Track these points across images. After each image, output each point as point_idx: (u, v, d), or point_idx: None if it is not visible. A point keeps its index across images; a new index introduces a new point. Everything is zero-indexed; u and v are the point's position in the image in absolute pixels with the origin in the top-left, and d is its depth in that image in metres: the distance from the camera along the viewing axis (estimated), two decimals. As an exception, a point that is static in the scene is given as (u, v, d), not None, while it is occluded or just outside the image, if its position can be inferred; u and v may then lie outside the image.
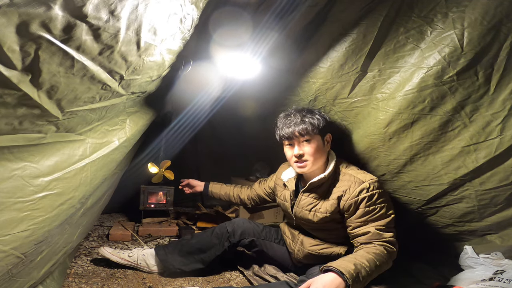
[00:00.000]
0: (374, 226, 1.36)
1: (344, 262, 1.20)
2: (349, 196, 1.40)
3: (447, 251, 1.85)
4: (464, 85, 1.34)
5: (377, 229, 1.35)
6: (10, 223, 0.81)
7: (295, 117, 1.49)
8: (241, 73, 1.81)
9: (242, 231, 1.71)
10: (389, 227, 1.39)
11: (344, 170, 1.49)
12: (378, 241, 1.34)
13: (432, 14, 1.30)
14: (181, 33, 1.09)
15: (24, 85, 0.68)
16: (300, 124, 1.46)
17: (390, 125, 1.51)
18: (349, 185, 1.42)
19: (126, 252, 1.68)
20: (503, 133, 1.36)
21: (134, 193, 2.39)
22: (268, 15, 1.43)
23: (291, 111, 1.54)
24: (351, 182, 1.42)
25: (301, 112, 1.51)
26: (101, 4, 0.71)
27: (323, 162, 1.51)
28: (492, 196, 1.50)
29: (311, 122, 1.46)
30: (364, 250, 1.30)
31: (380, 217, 1.38)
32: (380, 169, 1.68)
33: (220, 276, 1.71)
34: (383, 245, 1.33)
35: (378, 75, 1.49)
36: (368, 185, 1.39)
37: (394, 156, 1.59)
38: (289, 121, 1.49)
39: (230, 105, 2.31)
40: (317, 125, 1.47)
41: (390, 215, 1.41)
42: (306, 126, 1.45)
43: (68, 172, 0.95)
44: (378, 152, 1.63)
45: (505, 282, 1.38)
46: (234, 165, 2.95)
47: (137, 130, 1.33)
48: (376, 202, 1.39)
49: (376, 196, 1.39)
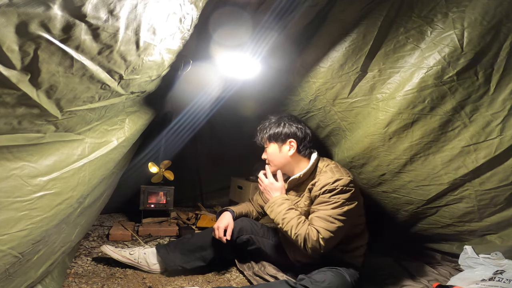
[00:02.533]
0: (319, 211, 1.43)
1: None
2: (316, 188, 1.47)
3: (447, 251, 1.85)
4: (464, 85, 1.34)
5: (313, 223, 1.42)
6: (8, 223, 0.81)
7: (260, 126, 1.69)
8: (241, 73, 1.81)
9: (240, 228, 1.72)
10: (328, 220, 1.40)
11: (324, 168, 1.55)
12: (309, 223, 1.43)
13: (432, 14, 1.30)
14: (181, 32, 1.09)
15: (23, 84, 0.68)
16: (258, 134, 1.69)
17: (390, 125, 1.51)
18: (320, 179, 1.48)
19: (128, 250, 1.69)
20: (503, 133, 1.36)
21: (134, 193, 2.39)
22: (268, 15, 1.43)
23: (265, 119, 1.70)
24: (324, 177, 1.48)
25: (269, 121, 1.66)
26: (100, 4, 0.71)
27: (293, 164, 1.60)
28: (492, 196, 1.50)
29: (266, 134, 1.64)
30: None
31: (329, 207, 1.42)
32: (380, 169, 1.68)
33: (220, 276, 1.71)
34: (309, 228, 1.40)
35: (378, 75, 1.49)
36: (334, 180, 1.44)
37: (394, 156, 1.59)
38: (257, 129, 1.71)
39: (230, 105, 2.31)
40: (271, 136, 1.62)
41: (339, 211, 1.40)
42: (260, 138, 1.68)
43: (66, 171, 0.94)
44: (378, 152, 1.63)
45: (505, 282, 1.38)
46: (234, 165, 2.95)
47: (136, 130, 1.33)
48: (334, 196, 1.42)
49: (337, 190, 1.42)
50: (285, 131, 1.60)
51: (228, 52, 1.63)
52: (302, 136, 1.60)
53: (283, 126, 1.61)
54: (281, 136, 1.60)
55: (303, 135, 1.61)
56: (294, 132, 1.60)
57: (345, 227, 1.41)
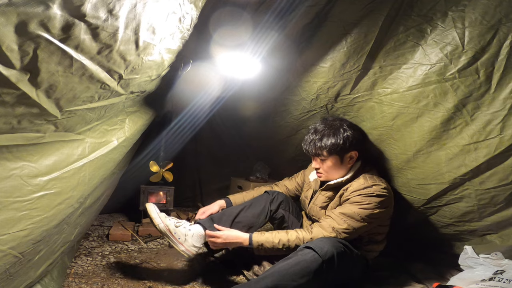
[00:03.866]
0: (334, 214, 1.41)
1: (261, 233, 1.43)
2: (347, 193, 1.46)
3: (447, 251, 1.85)
4: (466, 83, 1.34)
5: (332, 216, 1.41)
6: (8, 223, 0.81)
7: (315, 135, 1.54)
8: (241, 73, 1.81)
9: (281, 201, 1.72)
10: (343, 228, 1.38)
11: (362, 175, 1.52)
12: (318, 225, 1.41)
13: (432, 13, 1.31)
14: (180, 32, 1.09)
15: (22, 84, 0.68)
16: (314, 145, 1.52)
17: (397, 119, 1.54)
18: (352, 185, 1.47)
19: (173, 220, 1.53)
20: (503, 132, 1.35)
21: (134, 193, 2.39)
22: (268, 15, 1.43)
23: (316, 126, 1.58)
24: (356, 184, 1.47)
25: (324, 130, 1.53)
26: (100, 3, 0.71)
27: (343, 172, 1.56)
28: (492, 195, 1.50)
29: (326, 145, 1.50)
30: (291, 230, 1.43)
31: (349, 212, 1.40)
32: (387, 164, 1.69)
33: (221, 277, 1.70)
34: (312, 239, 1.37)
35: (380, 71, 1.51)
36: (366, 186, 1.43)
37: (399, 150, 1.61)
38: (309, 138, 1.56)
39: (230, 105, 2.30)
40: (333, 148, 1.50)
41: (359, 221, 1.39)
42: (317, 149, 1.52)
43: (66, 171, 0.94)
44: (385, 145, 1.65)
45: (505, 282, 1.37)
46: (234, 165, 2.95)
47: (136, 129, 1.33)
48: (358, 201, 1.41)
49: (368, 193, 1.41)
50: (346, 141, 1.50)
51: (228, 52, 1.63)
52: (361, 144, 1.56)
53: (344, 135, 1.51)
54: (343, 147, 1.50)
55: (362, 142, 1.56)
56: (355, 142, 1.52)
57: (363, 228, 1.41)
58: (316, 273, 1.24)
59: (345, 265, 1.34)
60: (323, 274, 1.26)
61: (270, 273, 1.28)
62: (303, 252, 1.29)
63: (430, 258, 1.87)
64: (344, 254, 1.33)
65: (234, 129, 2.76)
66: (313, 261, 1.25)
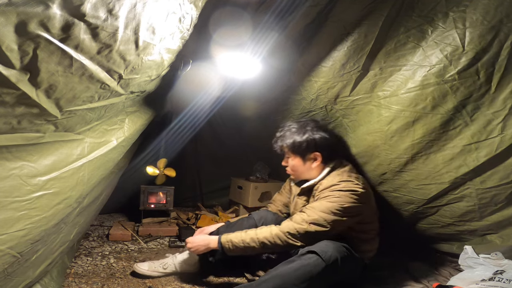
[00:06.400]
0: (305, 208, 1.41)
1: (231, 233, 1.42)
2: (317, 194, 1.47)
3: (447, 251, 1.85)
4: (466, 84, 1.34)
5: (304, 210, 1.40)
6: (7, 222, 0.81)
7: (280, 133, 1.58)
8: (241, 73, 1.81)
9: (260, 217, 1.72)
10: (312, 218, 1.36)
11: (334, 173, 1.52)
12: (289, 219, 1.39)
13: (432, 14, 1.31)
14: (180, 32, 1.09)
15: (22, 84, 0.68)
16: (276, 142, 1.59)
17: (393, 122, 1.52)
18: (322, 183, 1.48)
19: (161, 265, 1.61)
20: (504, 131, 1.36)
21: (134, 193, 2.39)
22: (268, 15, 1.43)
23: (286, 125, 1.60)
24: (326, 181, 1.47)
25: (290, 129, 1.56)
26: (99, 3, 0.71)
27: (314, 173, 1.56)
28: (493, 194, 1.50)
29: (287, 143, 1.54)
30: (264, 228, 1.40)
31: (319, 206, 1.39)
32: (382, 168, 1.68)
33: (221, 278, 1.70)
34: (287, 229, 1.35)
35: (380, 73, 1.50)
36: (331, 184, 1.43)
37: (395, 154, 1.59)
38: (276, 136, 1.60)
39: (230, 105, 2.30)
40: (293, 147, 1.53)
41: (329, 214, 1.36)
42: (279, 147, 1.59)
43: (65, 171, 0.94)
44: (379, 150, 1.63)
45: (505, 282, 1.37)
46: (234, 165, 2.95)
47: (135, 129, 1.33)
48: (327, 195, 1.40)
49: (337, 188, 1.41)
50: (309, 142, 1.51)
51: (228, 52, 1.62)
52: (327, 145, 1.54)
53: (306, 136, 1.52)
54: (305, 147, 1.52)
55: (327, 144, 1.54)
56: (318, 143, 1.52)
57: (337, 223, 1.36)
58: (318, 278, 1.23)
59: (347, 269, 1.34)
60: (326, 278, 1.25)
61: (272, 276, 1.26)
62: (306, 256, 1.28)
63: (430, 258, 1.87)
64: (346, 258, 1.32)
65: (234, 129, 2.76)
66: (316, 265, 1.24)
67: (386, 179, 1.72)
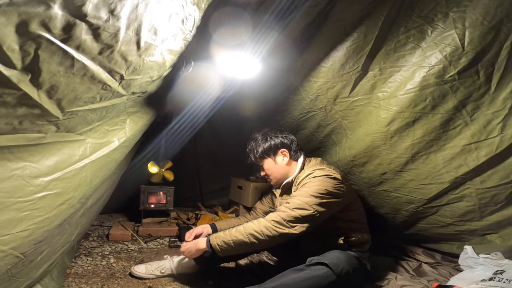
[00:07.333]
0: (289, 200, 1.43)
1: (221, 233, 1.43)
2: (296, 187, 1.52)
3: (446, 251, 1.85)
4: (465, 84, 1.34)
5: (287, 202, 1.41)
6: (10, 223, 0.81)
7: (249, 147, 1.70)
8: (241, 73, 1.81)
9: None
10: (296, 204, 1.37)
11: (307, 166, 1.59)
12: (279, 211, 1.39)
13: (433, 14, 1.31)
14: (183, 33, 1.09)
15: (24, 84, 0.68)
16: (249, 156, 1.70)
17: (392, 123, 1.52)
18: (299, 177, 1.53)
19: (158, 268, 1.63)
20: (504, 131, 1.36)
21: (134, 193, 2.39)
22: (268, 15, 1.43)
23: (251, 138, 1.70)
24: (302, 174, 1.52)
25: (256, 140, 1.68)
26: (101, 4, 0.71)
27: (289, 172, 1.63)
28: (493, 194, 1.50)
29: (256, 154, 1.66)
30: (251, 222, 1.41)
31: (299, 193, 1.42)
32: (382, 168, 1.68)
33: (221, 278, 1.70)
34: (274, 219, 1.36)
35: (379, 74, 1.50)
36: (306, 175, 1.48)
37: (395, 154, 1.60)
38: (247, 151, 1.71)
39: (230, 105, 2.30)
40: (263, 153, 1.64)
41: (309, 197, 1.37)
42: (251, 160, 1.69)
43: (68, 172, 0.94)
44: (379, 150, 1.63)
45: (505, 282, 1.37)
46: (234, 165, 2.94)
47: (137, 130, 1.33)
48: (304, 183, 1.45)
49: (312, 176, 1.45)
50: (274, 143, 1.64)
51: (228, 52, 1.62)
52: (290, 143, 1.65)
53: (270, 140, 1.65)
54: (272, 149, 1.64)
55: (290, 142, 1.65)
56: (282, 142, 1.65)
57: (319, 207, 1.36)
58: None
59: (357, 279, 1.38)
60: None
61: (278, 284, 1.25)
62: (316, 267, 1.27)
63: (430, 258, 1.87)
64: (357, 269, 1.34)
65: (234, 129, 2.76)
66: (326, 278, 1.24)
67: (386, 179, 1.72)
